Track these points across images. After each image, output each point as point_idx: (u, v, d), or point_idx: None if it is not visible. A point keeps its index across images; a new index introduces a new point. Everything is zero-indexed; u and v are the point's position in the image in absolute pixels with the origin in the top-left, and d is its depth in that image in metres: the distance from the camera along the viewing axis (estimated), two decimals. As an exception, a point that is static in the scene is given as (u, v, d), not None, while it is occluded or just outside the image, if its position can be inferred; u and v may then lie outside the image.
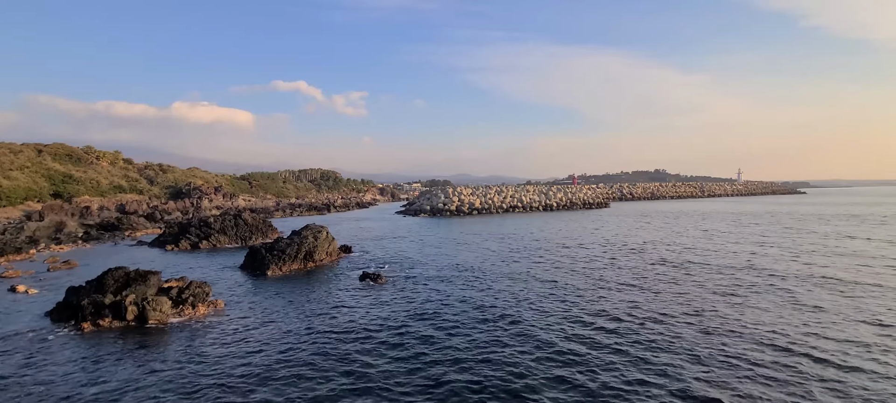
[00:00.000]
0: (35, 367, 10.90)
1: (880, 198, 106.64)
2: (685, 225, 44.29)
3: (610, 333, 12.65)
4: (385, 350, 11.73)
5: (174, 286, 15.78)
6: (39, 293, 18.57)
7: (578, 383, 9.60)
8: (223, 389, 9.58)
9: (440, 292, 17.87)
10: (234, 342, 12.48)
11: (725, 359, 10.69)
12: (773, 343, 11.70)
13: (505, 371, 10.20)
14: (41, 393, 9.53)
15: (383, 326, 13.64)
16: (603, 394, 9.11)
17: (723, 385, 9.39)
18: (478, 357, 11.06)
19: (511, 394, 9.17)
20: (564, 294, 17.18)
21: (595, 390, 9.28)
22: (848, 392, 9.02)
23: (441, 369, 10.45)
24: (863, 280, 18.51)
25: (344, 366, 10.70)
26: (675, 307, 15.11)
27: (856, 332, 12.43)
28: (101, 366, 10.88)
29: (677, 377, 9.77)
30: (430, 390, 9.45)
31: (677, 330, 12.75)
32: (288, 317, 14.69)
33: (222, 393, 9.39)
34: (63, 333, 13.38)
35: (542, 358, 10.94)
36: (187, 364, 10.94)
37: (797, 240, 31.13)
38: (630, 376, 9.85)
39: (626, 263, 23.47)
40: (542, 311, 14.89)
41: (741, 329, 12.82)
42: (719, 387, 9.28)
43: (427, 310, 15.26)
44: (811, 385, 9.33)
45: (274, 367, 10.70)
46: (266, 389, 9.57)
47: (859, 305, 14.96)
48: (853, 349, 11.24)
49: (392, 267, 23.37)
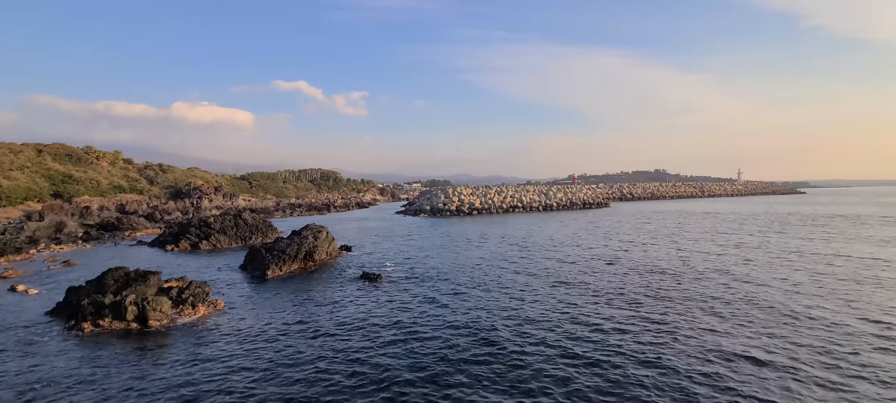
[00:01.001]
0: (35, 367, 10.88)
1: (881, 197, 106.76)
2: (686, 224, 44.29)
3: (614, 333, 12.64)
4: (385, 348, 11.71)
5: (174, 286, 15.76)
6: (39, 293, 18.54)
7: (586, 384, 9.58)
8: (221, 391, 9.55)
9: (440, 291, 17.85)
10: (234, 342, 12.45)
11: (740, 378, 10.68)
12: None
13: (506, 372, 10.19)
14: (40, 392, 9.50)
15: (383, 325, 13.62)
16: (609, 394, 9.10)
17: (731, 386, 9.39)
18: (478, 357, 11.04)
19: (512, 394, 9.16)
20: (566, 293, 17.17)
21: (604, 389, 9.27)
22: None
23: (441, 368, 10.43)
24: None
25: (345, 366, 10.67)
26: (675, 310, 15.11)
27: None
28: (99, 367, 10.86)
29: (675, 383, 9.76)
30: (431, 388, 9.43)
31: (675, 334, 12.74)
32: (288, 317, 14.66)
33: (221, 395, 9.36)
34: (63, 333, 13.36)
35: (546, 358, 10.92)
36: (187, 365, 10.91)
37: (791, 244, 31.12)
38: (638, 373, 9.84)
39: (624, 265, 23.46)
40: (544, 310, 14.87)
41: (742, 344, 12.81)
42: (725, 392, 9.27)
43: (426, 310, 15.24)
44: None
45: (273, 367, 10.68)
46: (265, 389, 9.54)
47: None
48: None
49: (392, 267, 23.34)
